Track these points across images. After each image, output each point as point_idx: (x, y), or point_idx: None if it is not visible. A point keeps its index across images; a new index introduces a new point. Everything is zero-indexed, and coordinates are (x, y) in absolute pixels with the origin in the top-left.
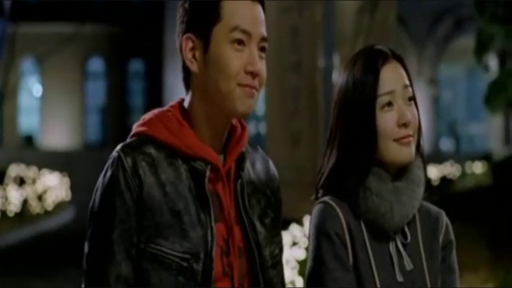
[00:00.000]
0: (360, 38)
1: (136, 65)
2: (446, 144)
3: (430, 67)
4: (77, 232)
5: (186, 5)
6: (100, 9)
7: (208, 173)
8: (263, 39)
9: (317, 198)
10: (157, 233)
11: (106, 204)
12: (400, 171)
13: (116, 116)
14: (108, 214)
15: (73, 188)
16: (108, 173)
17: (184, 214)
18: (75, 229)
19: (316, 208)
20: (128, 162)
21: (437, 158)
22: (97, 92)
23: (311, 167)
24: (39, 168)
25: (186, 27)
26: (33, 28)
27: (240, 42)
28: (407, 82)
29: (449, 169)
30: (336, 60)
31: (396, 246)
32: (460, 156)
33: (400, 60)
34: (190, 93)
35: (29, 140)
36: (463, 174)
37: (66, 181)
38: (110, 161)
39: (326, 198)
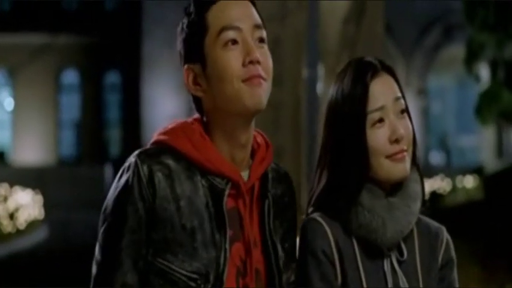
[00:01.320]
0: (345, 48)
1: (112, 77)
2: (436, 158)
3: (419, 77)
4: (51, 251)
5: (183, 36)
6: (74, 19)
7: (227, 191)
8: (256, 26)
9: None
10: (166, 248)
11: (117, 211)
12: (396, 186)
13: (91, 130)
14: (118, 221)
15: (46, 205)
16: (123, 178)
17: (198, 232)
18: (48, 248)
19: (304, 226)
20: (144, 170)
21: (427, 171)
22: (71, 105)
23: (295, 181)
24: (11, 185)
25: (184, 60)
26: (4, 39)
27: (232, 42)
28: (399, 94)
29: (440, 183)
30: (321, 71)
31: (391, 263)
32: (450, 170)
33: (391, 72)
34: (205, 116)
35: (0, 155)
36: (454, 188)
37: (39, 199)
38: (125, 165)
39: (314, 215)
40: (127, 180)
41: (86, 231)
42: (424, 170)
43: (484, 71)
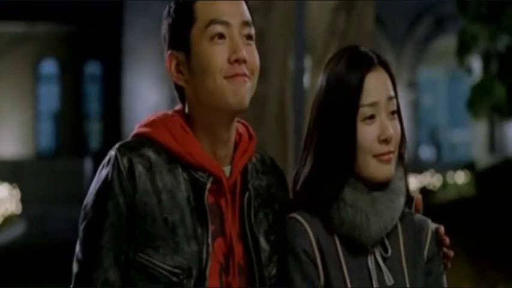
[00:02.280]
0: (334, 39)
1: (92, 67)
2: (427, 153)
3: (409, 70)
4: (28, 248)
5: (169, 21)
6: (53, 8)
7: (209, 185)
8: (245, 23)
9: (294, 204)
10: (147, 243)
11: (98, 206)
12: (379, 183)
13: (70, 122)
14: (99, 217)
15: (24, 200)
16: (103, 172)
17: (180, 226)
18: (26, 244)
19: (284, 225)
20: (124, 163)
21: (417, 167)
22: (50, 96)
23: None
24: None
25: (168, 45)
26: None
27: (219, 36)
28: (392, 93)
29: (430, 179)
30: (308, 63)
31: (375, 260)
32: (441, 165)
33: (386, 67)
34: (187, 108)
35: None
36: (445, 184)
37: (16, 193)
38: (106, 159)
39: (295, 214)
40: (107, 175)
41: (65, 227)
42: (414, 165)
43: (476, 64)
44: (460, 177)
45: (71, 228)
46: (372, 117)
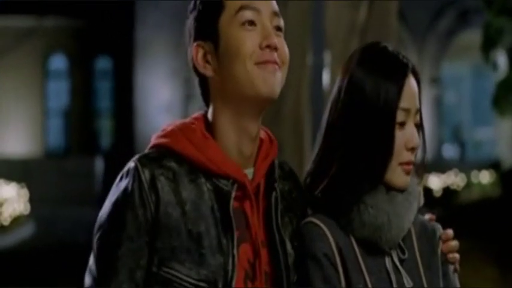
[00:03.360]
0: (354, 34)
1: (103, 63)
2: (450, 151)
3: (432, 65)
4: (37, 249)
5: (195, 15)
6: (62, 1)
7: (234, 193)
8: (275, 14)
9: (310, 204)
10: (172, 256)
11: (115, 217)
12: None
13: (80, 120)
14: (116, 228)
15: (32, 200)
16: (123, 183)
17: (205, 238)
18: (34, 246)
19: (301, 229)
20: (146, 174)
21: (440, 166)
22: (59, 92)
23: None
24: None
25: (194, 37)
26: None
27: (250, 23)
28: (419, 106)
29: (453, 179)
30: (327, 58)
31: (393, 262)
32: (465, 165)
33: (417, 77)
34: (211, 105)
35: None
36: (469, 184)
37: (25, 193)
38: (125, 170)
39: (311, 218)
40: (126, 186)
41: (74, 228)
42: (437, 165)
43: (501, 59)
44: (485, 177)
45: (81, 229)
46: (403, 123)
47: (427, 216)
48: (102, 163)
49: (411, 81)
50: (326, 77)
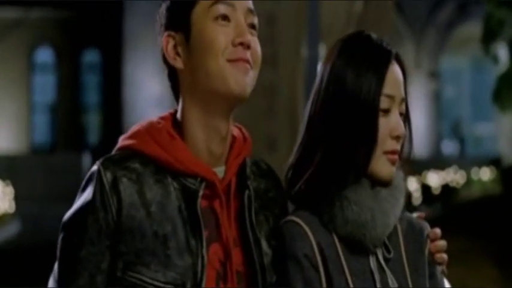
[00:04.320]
0: (351, 26)
1: (91, 56)
2: (449, 147)
3: (430, 58)
4: (23, 248)
5: (167, 4)
6: None
7: (201, 192)
8: (250, 11)
9: (292, 197)
10: (137, 260)
11: (77, 220)
12: (381, 182)
13: (67, 115)
14: (77, 232)
15: (18, 198)
16: (85, 187)
17: (171, 239)
18: (20, 245)
19: (281, 228)
20: (107, 177)
21: (439, 163)
22: (46, 86)
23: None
24: None
25: (165, 26)
26: None
27: (224, 17)
28: (404, 95)
29: (453, 176)
30: (322, 51)
31: (378, 261)
32: (464, 161)
33: (401, 64)
34: (180, 99)
35: None
36: (469, 181)
37: (10, 190)
38: (88, 174)
39: (292, 217)
40: (89, 189)
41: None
42: (436, 161)
43: (502, 51)
44: (485, 174)
45: None
46: (387, 110)
47: (416, 214)
48: (89, 159)
49: (395, 68)
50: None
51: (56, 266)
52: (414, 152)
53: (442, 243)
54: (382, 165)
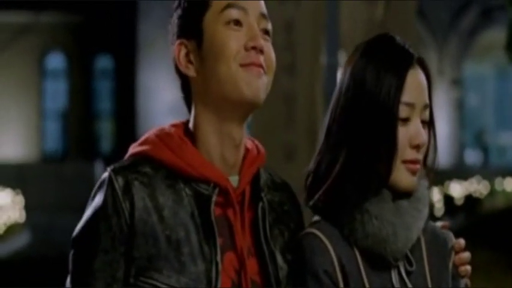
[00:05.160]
0: (371, 33)
1: (103, 62)
2: (472, 157)
3: (453, 65)
4: (32, 259)
5: (179, 12)
6: None
7: (214, 197)
8: (263, 16)
9: (312, 206)
10: (149, 265)
11: (89, 230)
12: (403, 192)
13: (79, 122)
14: (89, 241)
15: (28, 207)
16: (96, 195)
17: (184, 244)
18: (30, 256)
19: (301, 241)
20: (119, 182)
21: (462, 172)
22: (57, 93)
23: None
24: None
25: (177, 35)
26: None
27: (236, 22)
28: (427, 102)
29: (476, 186)
30: (342, 59)
31: (399, 275)
32: (488, 171)
33: (424, 66)
34: (193, 109)
35: None
36: (492, 192)
37: (20, 200)
38: (99, 182)
39: (312, 229)
40: (100, 196)
41: None
42: (459, 171)
43: None
44: (509, 184)
45: None
46: (406, 119)
47: (439, 224)
48: (102, 168)
49: (417, 73)
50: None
51: (68, 280)
52: (438, 161)
53: (467, 255)
54: (401, 175)
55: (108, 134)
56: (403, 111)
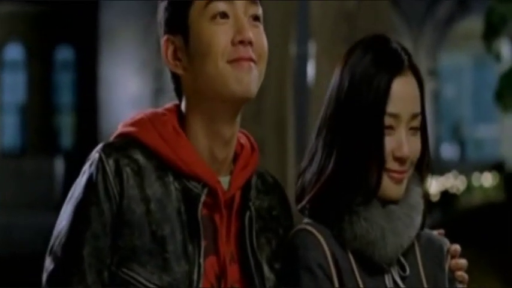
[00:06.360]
0: (343, 22)
1: (64, 53)
2: (449, 151)
3: (429, 56)
4: None
5: (165, 4)
6: None
7: (203, 197)
8: (252, 2)
9: (301, 210)
10: (132, 257)
11: (78, 215)
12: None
13: (39, 116)
14: (79, 226)
15: None
16: (85, 176)
17: (170, 242)
18: None
19: (293, 239)
20: (110, 164)
21: (438, 167)
22: (15, 86)
23: (279, 180)
24: None
25: (164, 30)
26: None
27: (222, 15)
28: (418, 110)
29: (453, 182)
30: (312, 48)
31: (393, 279)
32: (465, 166)
33: (416, 71)
34: (184, 100)
35: None
36: (469, 187)
37: None
38: (87, 163)
39: (305, 225)
40: (89, 178)
41: (32, 236)
42: (435, 166)
43: (505, 48)
44: (487, 180)
45: (40, 237)
46: (390, 127)
47: (436, 232)
48: (62, 164)
49: (405, 81)
50: (311, 69)
51: (50, 264)
52: (431, 167)
53: (463, 261)
54: (384, 183)
55: (68, 128)
56: (387, 121)
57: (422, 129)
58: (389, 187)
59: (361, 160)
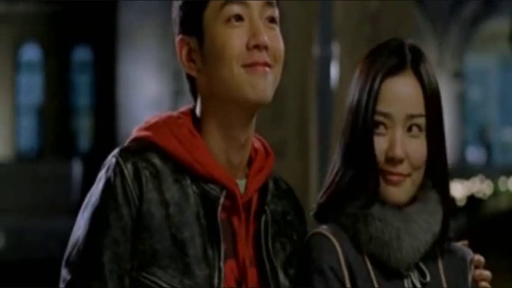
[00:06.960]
0: (366, 23)
1: (81, 54)
2: (475, 155)
3: (454, 57)
4: (6, 265)
5: (179, 3)
6: None
7: (222, 199)
8: (267, 4)
9: (318, 215)
10: (153, 261)
11: (97, 219)
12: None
13: (56, 118)
14: (98, 232)
15: (0, 209)
16: (102, 182)
17: (190, 246)
18: (2, 261)
19: (309, 241)
20: (128, 168)
21: (464, 171)
22: (32, 87)
23: (300, 184)
24: None
25: (178, 30)
26: None
27: (237, 18)
28: (414, 112)
29: (479, 186)
30: (335, 50)
31: (413, 285)
32: (491, 170)
33: (420, 77)
34: (198, 103)
35: None
36: (496, 192)
37: None
38: (104, 168)
39: (320, 229)
40: (107, 182)
41: (48, 240)
42: (460, 170)
43: None
44: None
45: (55, 242)
46: (383, 127)
47: (460, 243)
48: (80, 167)
49: (403, 81)
50: (334, 71)
51: (69, 276)
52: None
53: (487, 273)
54: (382, 186)
55: (86, 130)
56: (378, 120)
57: (432, 132)
58: (387, 189)
59: (356, 161)
